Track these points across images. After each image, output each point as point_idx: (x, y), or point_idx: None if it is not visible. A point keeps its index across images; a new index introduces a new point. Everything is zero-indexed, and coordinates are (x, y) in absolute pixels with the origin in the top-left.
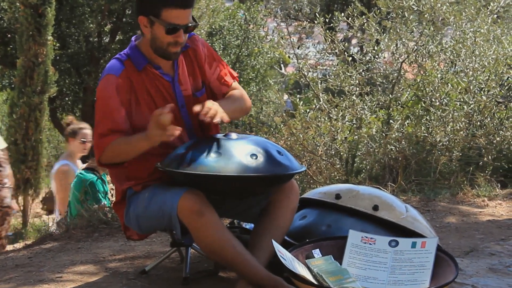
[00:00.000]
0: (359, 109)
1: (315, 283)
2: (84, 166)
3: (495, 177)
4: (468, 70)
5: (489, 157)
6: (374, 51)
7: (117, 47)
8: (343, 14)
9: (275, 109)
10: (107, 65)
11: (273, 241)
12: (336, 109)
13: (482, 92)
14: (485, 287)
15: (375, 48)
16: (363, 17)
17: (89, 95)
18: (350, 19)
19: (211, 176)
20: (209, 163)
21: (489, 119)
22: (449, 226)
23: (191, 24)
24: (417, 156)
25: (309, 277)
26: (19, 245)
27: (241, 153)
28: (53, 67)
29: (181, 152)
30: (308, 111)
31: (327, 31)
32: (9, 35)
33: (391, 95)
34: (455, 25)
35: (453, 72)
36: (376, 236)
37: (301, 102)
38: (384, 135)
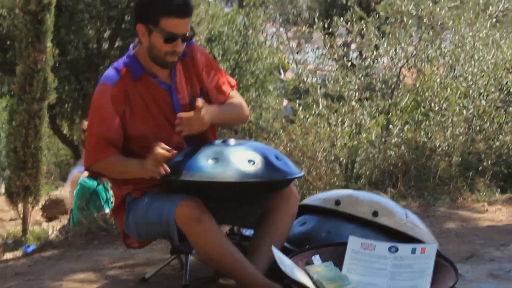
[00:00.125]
0: (358, 115)
1: None
2: (86, 173)
3: (494, 182)
4: (467, 74)
5: (489, 162)
6: (373, 56)
7: (116, 53)
8: (342, 19)
9: (274, 114)
10: (104, 74)
11: (273, 247)
12: (335, 115)
13: (481, 96)
14: None
15: (374, 53)
16: (362, 22)
17: (88, 101)
18: (349, 24)
19: (209, 182)
20: (207, 169)
21: (488, 124)
22: (449, 231)
23: (189, 33)
24: (417, 161)
25: (309, 283)
26: (19, 253)
27: (239, 159)
28: (53, 74)
29: (179, 159)
30: (307, 116)
31: (326, 36)
32: (8, 42)
33: (390, 100)
34: (454, 30)
35: (452, 76)
36: (376, 242)
37: (301, 107)
38: (383, 140)
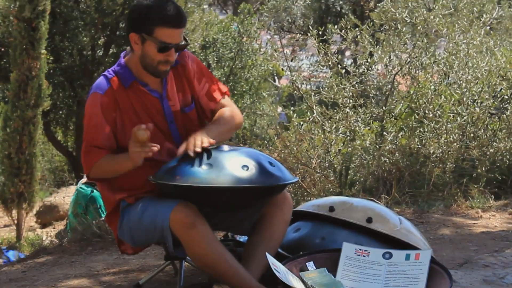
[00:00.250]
0: (352, 121)
1: None
2: (84, 180)
3: (488, 189)
4: (461, 81)
5: (483, 168)
6: (367, 63)
7: (111, 60)
8: (336, 26)
9: (269, 121)
10: (95, 83)
11: (267, 253)
12: (329, 121)
13: (475, 103)
14: None
15: (369, 60)
16: (356, 29)
17: (83, 108)
18: (343, 31)
19: (203, 188)
20: (201, 175)
21: (482, 131)
22: (443, 238)
23: (183, 43)
24: (411, 168)
25: None
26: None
27: (232, 165)
28: (47, 80)
29: (173, 164)
30: (301, 123)
31: (321, 44)
32: (3, 49)
33: (384, 107)
34: (448, 37)
35: (447, 84)
36: (370, 248)
37: (295, 114)
38: (377, 147)
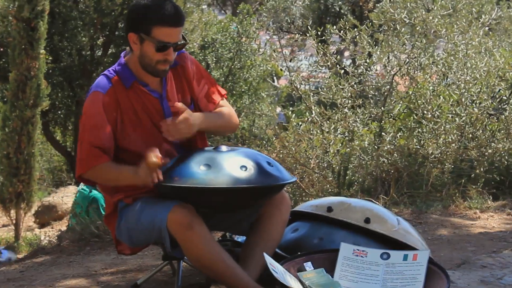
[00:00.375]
0: (351, 122)
1: None
2: None
3: (487, 189)
4: (460, 82)
5: (481, 169)
6: (366, 64)
7: (110, 61)
8: (335, 27)
9: (267, 121)
10: (95, 82)
11: (265, 254)
12: (328, 122)
13: (474, 104)
14: None
15: (367, 60)
16: (355, 30)
17: (81, 108)
18: (342, 31)
19: (201, 188)
20: (199, 175)
21: (481, 131)
22: (441, 238)
23: (181, 42)
24: (409, 168)
25: None
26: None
27: (231, 165)
28: (46, 80)
29: (170, 165)
30: (300, 123)
31: (319, 44)
32: (2, 49)
33: (383, 108)
34: (447, 38)
35: (445, 84)
36: (367, 248)
37: (294, 114)
38: (376, 147)
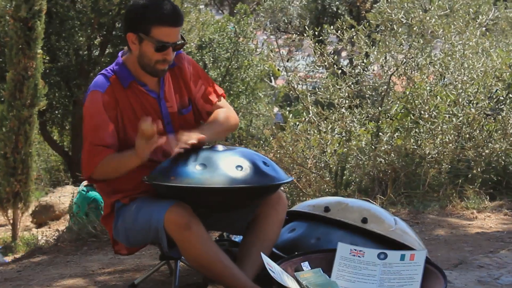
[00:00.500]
0: (348, 122)
1: None
2: (86, 182)
3: (484, 190)
4: (457, 82)
5: (478, 169)
6: (363, 64)
7: (107, 60)
8: (332, 27)
9: (265, 121)
10: (93, 81)
11: (262, 254)
12: (325, 122)
13: (471, 104)
14: None
15: (365, 60)
16: (353, 30)
17: (78, 108)
18: (339, 32)
19: (197, 188)
20: (195, 175)
21: (478, 132)
22: (438, 238)
23: (180, 42)
24: (406, 168)
25: None
26: (8, 259)
27: (226, 165)
28: (43, 80)
29: (166, 165)
30: (297, 123)
31: (317, 44)
32: None
33: (380, 108)
34: (444, 38)
35: (442, 84)
36: (365, 248)
37: (291, 114)
38: (373, 147)
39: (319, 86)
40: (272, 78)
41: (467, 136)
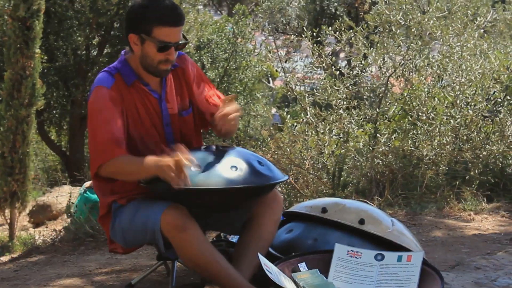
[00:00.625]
0: (346, 123)
1: None
2: (88, 184)
3: (481, 191)
4: (455, 84)
5: (476, 171)
6: (361, 65)
7: (105, 60)
8: (330, 28)
9: (262, 122)
10: (97, 78)
11: (259, 254)
12: (323, 123)
13: (468, 106)
14: None
15: (363, 62)
16: (351, 31)
17: (77, 108)
18: (337, 33)
19: (192, 190)
20: (190, 177)
21: (475, 133)
22: (435, 240)
23: (182, 41)
24: (404, 170)
25: None
26: (5, 258)
27: (221, 166)
28: (41, 80)
29: None
30: (295, 124)
31: (315, 45)
32: None
33: (378, 109)
34: (442, 40)
35: (440, 86)
36: (362, 249)
37: (289, 115)
38: (371, 149)
39: (317, 87)
40: (270, 79)
41: (465, 138)
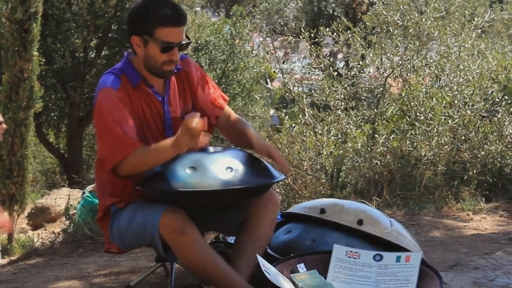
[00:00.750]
0: (344, 124)
1: None
2: (90, 188)
3: (479, 191)
4: (452, 84)
5: (474, 171)
6: (359, 66)
7: (103, 62)
8: (328, 29)
9: (261, 123)
10: (102, 79)
11: (258, 255)
12: (321, 124)
13: (466, 106)
14: None
15: (360, 62)
16: (348, 32)
17: (75, 110)
18: (335, 34)
19: (187, 192)
20: (185, 179)
21: (473, 134)
22: (434, 240)
23: (185, 41)
24: (402, 170)
25: None
26: (4, 261)
27: (217, 167)
28: (39, 82)
29: (158, 169)
30: (293, 125)
31: (313, 46)
32: None
33: (376, 110)
34: (440, 40)
35: (438, 86)
36: (360, 250)
37: (287, 116)
38: (369, 149)
39: (315, 88)
40: (268, 80)
41: (463, 138)
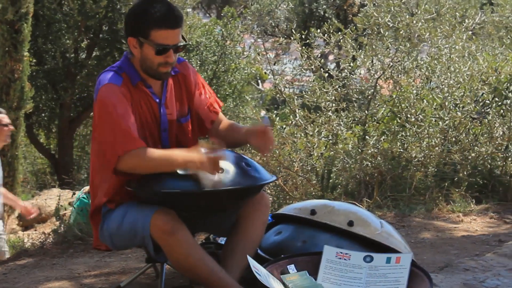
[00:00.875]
0: (335, 125)
1: None
2: (86, 189)
3: (470, 193)
4: (443, 86)
5: (464, 173)
6: (350, 67)
7: (94, 63)
8: (319, 30)
9: (252, 125)
10: (102, 76)
11: (248, 257)
12: (312, 125)
13: (457, 108)
14: None
15: (351, 64)
16: (340, 33)
17: (65, 111)
18: (326, 35)
19: (178, 193)
20: (176, 180)
21: (464, 135)
22: (424, 241)
23: (181, 43)
24: (393, 171)
25: None
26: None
27: None
28: (29, 83)
29: None
30: (284, 127)
31: (304, 47)
32: None
33: (367, 111)
34: (430, 42)
35: (429, 88)
36: (351, 251)
37: (278, 118)
38: (360, 151)
39: (306, 89)
40: (259, 81)
41: (453, 139)
